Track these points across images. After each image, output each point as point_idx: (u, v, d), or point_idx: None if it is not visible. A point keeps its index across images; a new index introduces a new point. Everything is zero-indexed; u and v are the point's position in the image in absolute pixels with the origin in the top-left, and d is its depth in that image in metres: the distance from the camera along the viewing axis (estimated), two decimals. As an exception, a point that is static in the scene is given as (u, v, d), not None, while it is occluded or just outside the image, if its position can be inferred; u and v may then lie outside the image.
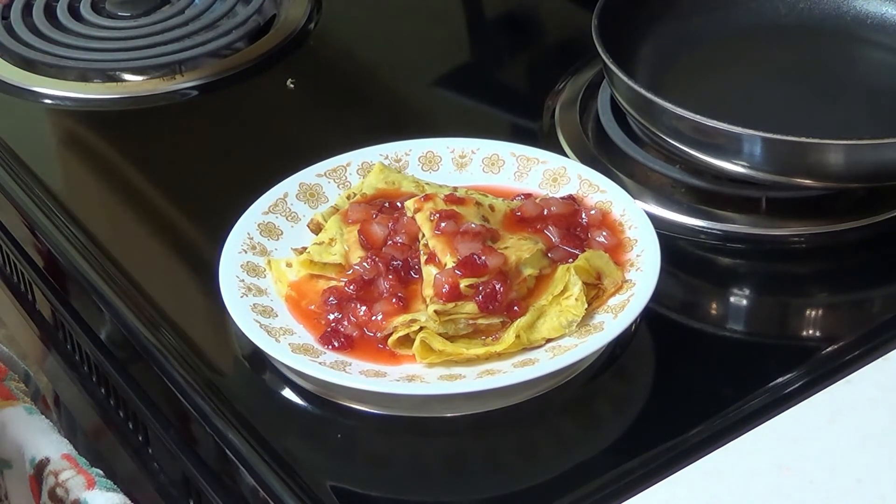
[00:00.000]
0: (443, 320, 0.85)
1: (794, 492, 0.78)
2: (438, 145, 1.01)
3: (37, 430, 0.95)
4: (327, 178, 0.99)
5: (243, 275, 0.90)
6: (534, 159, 0.99)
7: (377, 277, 0.88)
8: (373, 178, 0.97)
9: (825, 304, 0.96)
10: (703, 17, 1.14)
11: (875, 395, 0.84)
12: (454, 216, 0.90)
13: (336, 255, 0.91)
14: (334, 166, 0.99)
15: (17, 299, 1.12)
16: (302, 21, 1.30)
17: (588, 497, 0.79)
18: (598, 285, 0.88)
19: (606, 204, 0.94)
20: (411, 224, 0.91)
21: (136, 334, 0.94)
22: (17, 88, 1.23)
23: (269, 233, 0.94)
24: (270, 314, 0.87)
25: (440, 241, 0.88)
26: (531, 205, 0.93)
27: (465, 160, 1.00)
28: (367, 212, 0.93)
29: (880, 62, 1.12)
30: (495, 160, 1.00)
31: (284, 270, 0.91)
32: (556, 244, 0.91)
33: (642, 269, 0.88)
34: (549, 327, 0.85)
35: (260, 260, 0.92)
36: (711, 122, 0.95)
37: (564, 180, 0.97)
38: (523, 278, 0.87)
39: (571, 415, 0.86)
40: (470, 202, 0.92)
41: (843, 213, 0.99)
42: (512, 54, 1.30)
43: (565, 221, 0.92)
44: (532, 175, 0.98)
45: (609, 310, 0.86)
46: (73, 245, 1.01)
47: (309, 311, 0.88)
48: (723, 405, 0.83)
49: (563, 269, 0.88)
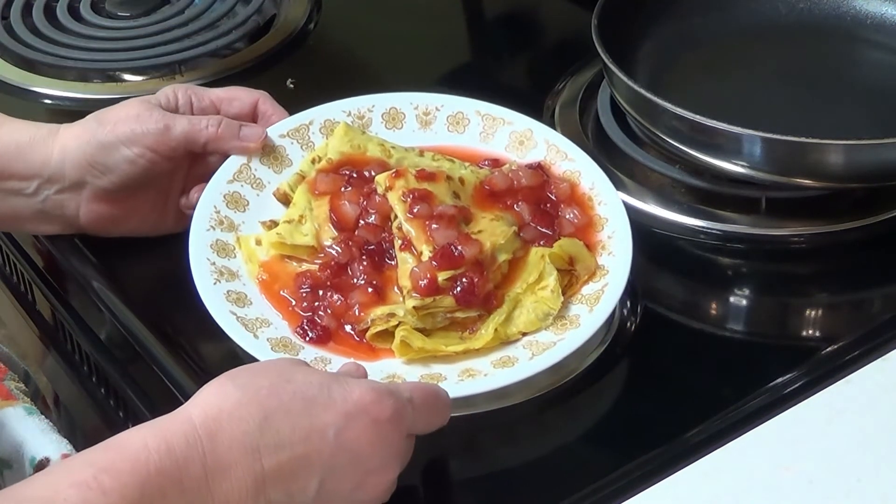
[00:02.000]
0: (421, 315, 0.85)
1: (793, 492, 0.78)
2: (401, 100, 1.00)
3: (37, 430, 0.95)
4: (290, 138, 0.97)
5: (214, 256, 0.89)
6: (500, 119, 0.98)
7: (350, 262, 0.88)
8: (337, 142, 0.96)
9: (825, 304, 0.96)
10: (703, 17, 1.14)
11: (875, 395, 0.84)
12: (427, 197, 0.89)
13: (307, 236, 0.90)
14: (296, 125, 0.98)
15: (17, 299, 1.12)
16: (302, 21, 1.30)
17: (588, 497, 0.79)
18: (572, 271, 0.88)
19: (575, 174, 0.94)
20: (383, 203, 0.90)
21: (136, 334, 0.94)
22: (17, 88, 1.23)
23: (235, 204, 0.93)
24: (245, 302, 0.87)
25: (414, 226, 0.88)
26: (501, 177, 0.93)
27: (429, 118, 0.99)
28: (335, 182, 0.93)
29: (880, 62, 1.12)
30: (460, 118, 0.99)
31: (254, 249, 0.90)
32: (528, 222, 0.91)
33: (615, 254, 0.88)
34: (525, 320, 0.86)
35: (229, 237, 0.91)
36: (711, 122, 0.95)
37: (531, 144, 0.97)
38: (498, 265, 0.87)
39: (570, 415, 0.86)
40: (441, 177, 0.91)
41: (843, 213, 0.99)
42: (512, 54, 1.30)
43: (535, 196, 0.92)
44: (498, 137, 0.98)
45: (584, 300, 0.86)
46: (73, 245, 1.01)
47: (282, 298, 0.88)
48: (723, 405, 0.83)
49: (536, 255, 0.88)
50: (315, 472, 0.70)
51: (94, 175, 0.94)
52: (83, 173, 0.94)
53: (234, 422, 0.69)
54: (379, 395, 0.72)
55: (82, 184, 0.95)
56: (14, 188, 0.95)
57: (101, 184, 0.95)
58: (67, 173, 0.94)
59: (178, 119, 0.94)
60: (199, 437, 0.68)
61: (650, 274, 0.94)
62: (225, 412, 0.69)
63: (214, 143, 0.94)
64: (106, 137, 0.93)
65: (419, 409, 0.74)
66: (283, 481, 0.70)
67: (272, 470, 0.69)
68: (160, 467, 0.67)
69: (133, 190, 0.95)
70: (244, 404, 0.70)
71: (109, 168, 0.94)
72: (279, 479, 0.70)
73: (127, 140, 0.93)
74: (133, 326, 0.94)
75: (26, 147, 0.94)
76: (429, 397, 0.75)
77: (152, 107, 0.95)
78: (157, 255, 1.00)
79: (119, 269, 0.99)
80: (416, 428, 0.74)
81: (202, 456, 0.68)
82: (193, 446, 0.68)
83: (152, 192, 0.97)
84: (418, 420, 0.74)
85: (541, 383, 0.85)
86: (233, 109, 0.98)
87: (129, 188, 0.95)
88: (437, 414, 0.76)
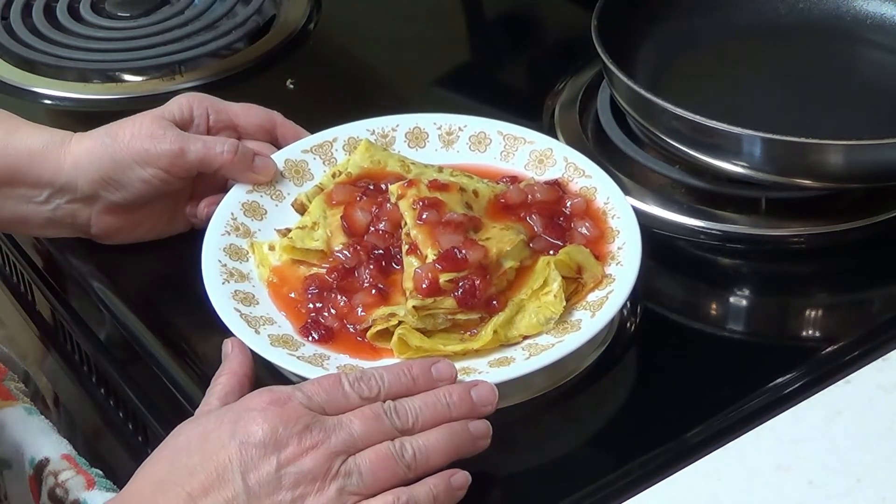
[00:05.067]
0: (421, 315, 0.85)
1: (793, 492, 0.78)
2: (425, 121, 1.01)
3: (36, 430, 0.95)
4: (313, 154, 0.98)
5: (226, 258, 0.90)
6: (521, 139, 0.99)
7: (358, 266, 0.89)
8: (358, 157, 0.97)
9: (825, 304, 0.96)
10: (703, 18, 1.14)
11: (875, 395, 0.84)
12: (437, 205, 0.89)
13: (318, 241, 0.91)
14: (320, 142, 0.99)
15: (17, 299, 1.12)
16: (302, 21, 1.30)
17: (588, 497, 0.79)
18: (578, 279, 0.88)
19: (591, 191, 0.94)
20: (394, 211, 0.91)
21: (136, 335, 0.94)
22: (17, 88, 1.23)
23: (253, 213, 0.94)
24: (251, 302, 0.88)
25: (422, 232, 0.88)
26: (516, 192, 0.93)
27: (451, 137, 1.00)
28: (351, 193, 0.93)
29: (880, 62, 1.12)
30: (482, 138, 0.99)
31: (267, 254, 0.91)
32: (539, 233, 0.91)
33: (623, 264, 0.88)
34: (526, 324, 0.86)
35: (243, 242, 0.92)
36: (711, 122, 0.95)
37: (550, 162, 0.97)
38: (503, 271, 0.88)
39: (571, 415, 0.86)
40: (454, 188, 0.91)
41: (843, 213, 0.99)
42: (512, 54, 1.30)
43: (549, 210, 0.92)
44: (518, 155, 0.98)
45: (588, 307, 0.86)
46: (73, 245, 1.01)
47: (290, 299, 0.89)
48: (723, 405, 0.83)
49: (543, 263, 0.88)
50: (233, 472, 0.73)
51: (108, 191, 0.95)
52: (97, 188, 0.94)
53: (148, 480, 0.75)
54: (258, 394, 0.76)
55: (95, 197, 0.95)
56: (25, 195, 0.95)
57: (114, 199, 0.95)
58: (80, 186, 0.94)
59: (192, 142, 0.94)
60: None
61: (650, 274, 0.94)
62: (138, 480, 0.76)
63: (227, 169, 0.95)
64: (120, 155, 0.93)
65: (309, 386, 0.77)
66: (208, 493, 0.73)
67: (195, 489, 0.73)
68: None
69: (145, 203, 0.96)
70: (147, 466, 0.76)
71: (123, 185, 0.94)
72: (204, 492, 0.73)
73: (141, 160, 0.93)
74: (133, 327, 0.94)
75: (38, 156, 0.94)
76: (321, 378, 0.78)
77: (166, 124, 0.94)
78: (157, 255, 1.00)
79: (119, 269, 0.99)
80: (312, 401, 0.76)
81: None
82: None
83: (162, 203, 0.97)
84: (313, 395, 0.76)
85: (541, 384, 0.85)
86: (249, 127, 0.98)
87: (142, 202, 0.96)
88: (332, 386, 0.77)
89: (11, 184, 0.95)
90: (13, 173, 0.94)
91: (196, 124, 0.97)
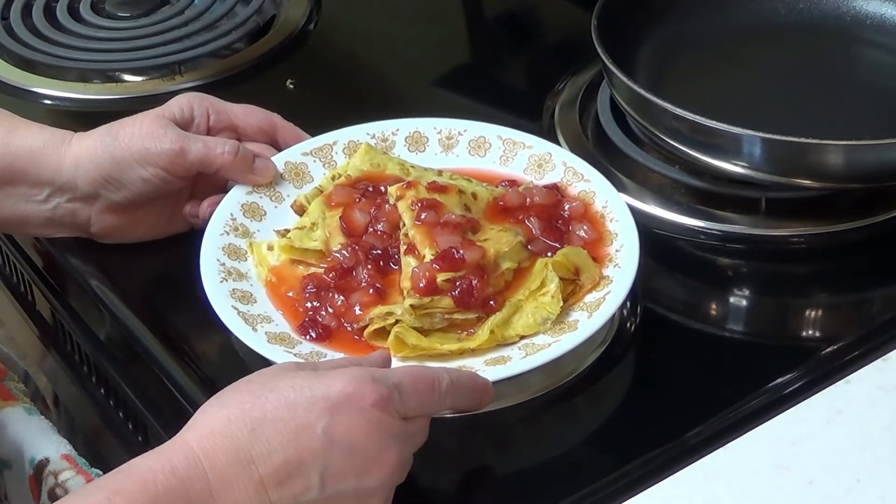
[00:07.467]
0: (419, 314, 0.85)
1: (793, 492, 0.78)
2: (425, 125, 1.01)
3: (36, 430, 0.95)
4: (313, 156, 0.99)
5: (224, 258, 0.91)
6: (520, 143, 0.99)
7: (356, 266, 0.89)
8: (358, 160, 0.98)
9: (825, 305, 0.96)
10: (703, 18, 1.14)
11: (875, 395, 0.84)
12: (435, 206, 0.90)
13: (317, 241, 0.91)
14: (320, 145, 0.99)
15: (17, 299, 1.12)
16: (302, 21, 1.30)
17: (588, 497, 0.79)
18: (576, 281, 0.88)
19: (589, 194, 0.94)
20: (393, 212, 0.91)
21: (136, 334, 0.94)
22: (17, 88, 1.23)
23: (252, 213, 0.95)
24: (249, 300, 0.88)
25: (420, 232, 0.89)
26: (514, 194, 0.93)
27: (451, 142, 1.00)
28: (349, 195, 0.94)
29: (880, 62, 1.12)
30: (482, 143, 1.00)
31: (266, 254, 0.92)
32: (537, 236, 0.91)
33: (620, 266, 0.88)
34: (523, 324, 0.86)
35: (242, 242, 0.92)
36: (711, 122, 0.95)
37: (549, 167, 0.97)
38: (501, 272, 0.88)
39: (571, 415, 0.86)
40: (452, 190, 0.92)
41: (843, 214, 0.99)
42: (512, 54, 1.30)
43: (547, 213, 0.92)
44: (517, 160, 0.99)
45: (585, 307, 0.86)
46: (73, 245, 1.01)
47: (288, 298, 0.89)
48: (722, 405, 0.83)
49: (541, 264, 0.88)
50: (312, 470, 0.71)
51: (108, 190, 0.95)
52: (97, 187, 0.94)
53: (226, 438, 0.71)
54: (360, 384, 0.73)
55: (95, 196, 0.95)
56: (25, 194, 0.95)
57: (114, 198, 0.95)
58: (80, 185, 0.94)
59: (193, 141, 0.94)
60: (198, 457, 0.71)
61: (650, 274, 0.94)
62: (217, 432, 0.72)
63: (227, 170, 0.95)
64: (120, 154, 0.93)
65: (408, 391, 0.74)
66: (282, 484, 0.71)
67: (269, 476, 0.71)
68: (167, 486, 0.70)
69: (145, 202, 0.96)
70: (232, 421, 0.72)
71: (124, 184, 0.94)
72: (278, 483, 0.71)
73: (141, 159, 0.93)
74: (133, 326, 0.94)
75: (38, 154, 0.94)
76: (418, 381, 0.75)
77: (167, 124, 0.94)
78: (156, 255, 1.00)
79: (119, 269, 0.99)
80: (407, 409, 0.74)
81: (204, 473, 0.70)
82: (195, 466, 0.70)
83: (162, 203, 0.97)
84: (408, 402, 0.74)
85: (541, 384, 0.85)
86: (249, 128, 0.98)
87: (142, 202, 0.96)
88: (429, 395, 0.75)
89: (11, 183, 0.95)
90: (13, 172, 0.94)
91: (196, 124, 0.97)
